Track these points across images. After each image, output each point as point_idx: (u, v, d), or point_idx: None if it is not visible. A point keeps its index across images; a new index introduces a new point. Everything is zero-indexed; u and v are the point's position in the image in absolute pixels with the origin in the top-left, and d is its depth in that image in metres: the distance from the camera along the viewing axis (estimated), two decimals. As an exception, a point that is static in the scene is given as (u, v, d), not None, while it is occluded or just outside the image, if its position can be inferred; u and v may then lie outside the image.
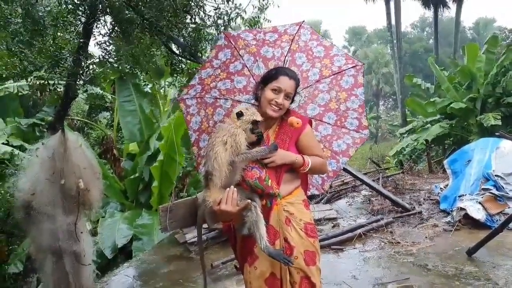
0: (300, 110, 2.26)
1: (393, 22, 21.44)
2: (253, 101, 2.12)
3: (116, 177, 8.11)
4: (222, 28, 3.91)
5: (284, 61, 2.23)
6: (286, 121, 2.01)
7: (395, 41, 21.12)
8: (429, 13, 35.31)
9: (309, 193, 2.36)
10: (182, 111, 2.35)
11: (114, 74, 7.41)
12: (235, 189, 1.83)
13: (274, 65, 2.21)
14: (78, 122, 10.20)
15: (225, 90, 2.27)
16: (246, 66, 2.23)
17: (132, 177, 7.47)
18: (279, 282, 1.95)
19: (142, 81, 8.46)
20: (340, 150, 2.33)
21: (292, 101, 2.05)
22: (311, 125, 2.12)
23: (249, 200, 1.86)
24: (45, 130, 7.35)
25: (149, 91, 9.03)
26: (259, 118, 1.90)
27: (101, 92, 8.79)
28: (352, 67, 2.25)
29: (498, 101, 10.60)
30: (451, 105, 10.83)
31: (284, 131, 2.02)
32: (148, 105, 8.13)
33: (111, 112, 10.74)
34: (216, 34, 4.08)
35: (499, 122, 9.49)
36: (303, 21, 2.22)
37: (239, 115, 1.89)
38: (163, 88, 9.79)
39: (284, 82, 1.94)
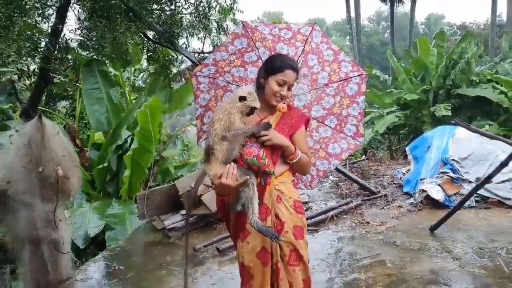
0: (305, 110, 2.36)
1: (352, 15, 22.08)
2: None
3: (81, 167, 7.85)
4: (203, 15, 3.93)
5: (298, 61, 2.29)
6: (288, 113, 2.12)
7: (354, 34, 21.77)
8: (385, 7, 36.85)
9: (297, 187, 2.45)
10: (193, 85, 2.39)
11: (82, 60, 7.08)
12: (235, 165, 1.93)
13: None
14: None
15: (238, 77, 2.34)
16: (261, 59, 2.28)
17: (100, 166, 7.27)
18: (269, 255, 2.04)
19: (109, 66, 8.13)
20: (334, 153, 2.43)
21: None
22: (307, 126, 2.23)
23: (248, 176, 1.98)
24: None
25: (114, 78, 8.73)
26: (258, 105, 1.98)
27: (65, 79, 8.36)
28: (358, 75, 2.36)
29: (449, 93, 11.32)
30: (404, 97, 11.47)
31: (285, 121, 2.12)
32: (116, 94, 7.88)
33: (70, 101, 10.27)
34: (195, 22, 4.09)
35: (449, 113, 10.15)
36: (315, 23, 2.32)
37: (242, 99, 1.98)
38: (131, 76, 9.49)
39: (289, 76, 2.03)
